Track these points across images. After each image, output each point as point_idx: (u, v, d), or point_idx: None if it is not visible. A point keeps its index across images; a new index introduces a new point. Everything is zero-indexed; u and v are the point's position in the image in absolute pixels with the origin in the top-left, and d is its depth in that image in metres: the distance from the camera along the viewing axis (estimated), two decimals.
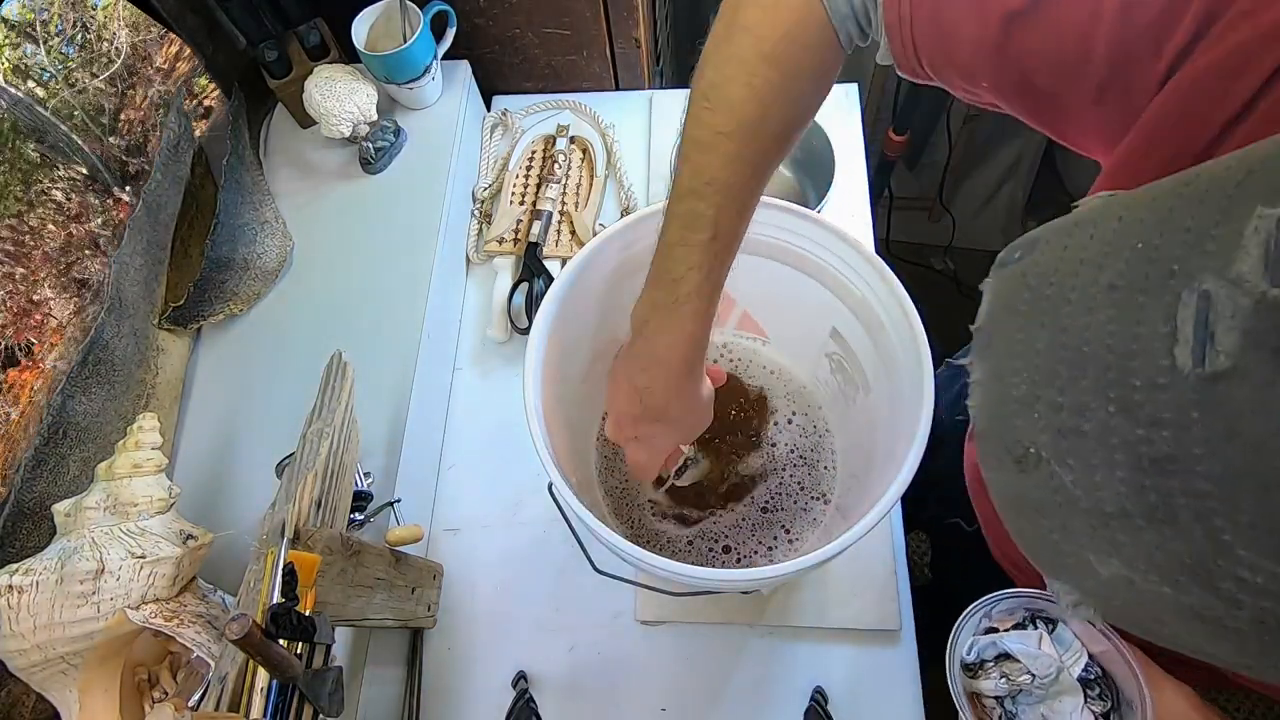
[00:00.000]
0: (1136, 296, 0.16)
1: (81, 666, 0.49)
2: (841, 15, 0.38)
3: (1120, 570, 0.18)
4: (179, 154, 0.77)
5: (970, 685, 0.54)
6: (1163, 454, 0.16)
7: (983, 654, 0.54)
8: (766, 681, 0.64)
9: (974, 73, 0.36)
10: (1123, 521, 0.17)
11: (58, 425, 0.60)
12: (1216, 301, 0.15)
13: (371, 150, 0.83)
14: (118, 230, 0.72)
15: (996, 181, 1.54)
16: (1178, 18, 0.27)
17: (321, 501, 0.51)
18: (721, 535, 0.64)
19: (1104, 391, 0.17)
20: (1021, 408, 0.19)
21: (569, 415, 0.60)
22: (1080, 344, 0.18)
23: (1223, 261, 0.15)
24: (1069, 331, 0.18)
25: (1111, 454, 0.17)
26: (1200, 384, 0.15)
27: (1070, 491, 0.18)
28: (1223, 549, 0.15)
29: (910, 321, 0.50)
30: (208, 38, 0.81)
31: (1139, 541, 0.17)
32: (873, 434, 0.58)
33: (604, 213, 0.88)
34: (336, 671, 0.43)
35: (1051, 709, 0.52)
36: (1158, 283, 0.16)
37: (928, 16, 0.35)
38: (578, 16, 0.86)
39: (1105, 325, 0.17)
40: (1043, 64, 0.32)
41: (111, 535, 0.50)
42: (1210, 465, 0.15)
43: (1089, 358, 0.17)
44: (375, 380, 0.71)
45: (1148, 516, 0.16)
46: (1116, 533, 0.17)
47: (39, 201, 0.66)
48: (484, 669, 0.67)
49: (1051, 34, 0.31)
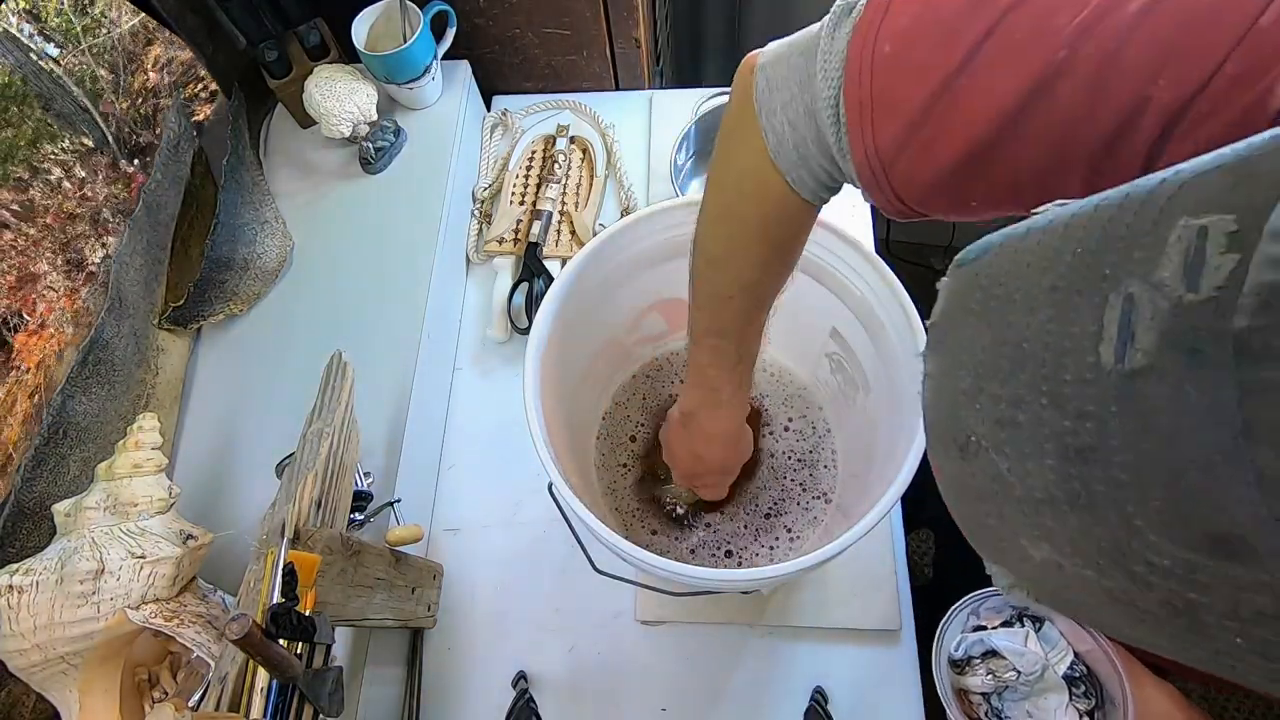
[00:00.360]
0: (1073, 298, 0.18)
1: (81, 666, 0.49)
2: (811, 190, 0.41)
3: (1050, 555, 0.19)
4: (179, 154, 0.77)
5: (957, 682, 0.54)
6: (1085, 444, 0.17)
7: (970, 651, 0.54)
8: (766, 681, 0.64)
9: (962, 199, 0.38)
10: (1051, 508, 0.18)
11: (58, 425, 0.60)
12: (1139, 304, 0.16)
13: (371, 150, 0.83)
14: (122, 205, 0.71)
15: None
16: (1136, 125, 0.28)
17: (321, 501, 0.51)
18: (724, 541, 0.64)
19: (1038, 385, 0.18)
20: (966, 399, 0.21)
21: (569, 415, 0.60)
22: (1021, 340, 0.19)
23: (1148, 267, 0.16)
24: (1012, 329, 0.19)
25: (1042, 444, 0.18)
26: (1120, 380, 0.16)
27: (1006, 479, 0.19)
28: (1135, 533, 0.16)
29: (910, 321, 0.50)
30: (208, 38, 0.81)
31: (1064, 526, 0.18)
32: (873, 434, 0.58)
33: (604, 213, 0.88)
34: (336, 671, 0.43)
35: (1037, 706, 0.52)
36: (1091, 285, 0.17)
37: (903, 174, 0.36)
38: (578, 16, 0.86)
39: (1044, 324, 0.18)
40: (1028, 174, 0.34)
41: (111, 535, 0.50)
42: (1125, 455, 0.16)
43: (1028, 354, 0.19)
44: (375, 380, 0.71)
45: (1071, 503, 0.17)
46: (1046, 518, 0.18)
47: (44, 169, 0.65)
48: (484, 669, 0.67)
49: (1025, 155, 0.33)
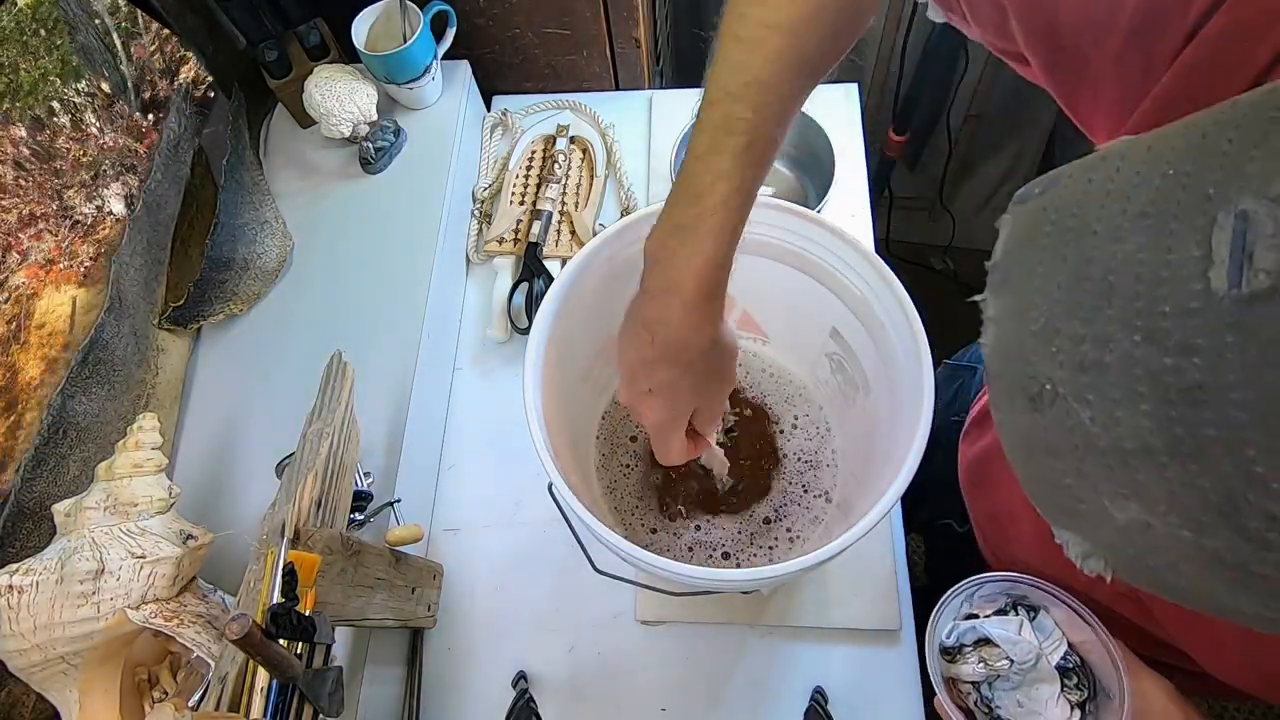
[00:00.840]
0: (1168, 223, 0.16)
1: (81, 666, 0.49)
2: None
3: (1138, 514, 0.17)
4: (179, 154, 0.77)
5: (948, 670, 0.53)
6: (1192, 383, 0.15)
7: (962, 638, 0.54)
8: (766, 681, 0.64)
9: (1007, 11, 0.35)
10: (1144, 459, 0.16)
11: (58, 425, 0.60)
12: (1255, 221, 0.14)
13: (371, 150, 0.83)
14: (126, 161, 0.70)
15: (996, 181, 1.54)
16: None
17: (321, 501, 0.51)
18: (719, 544, 0.64)
19: (1130, 321, 0.16)
20: (1039, 343, 0.18)
21: (569, 415, 0.60)
22: (1105, 274, 0.17)
23: (1263, 181, 0.14)
24: (1094, 262, 0.17)
25: (1135, 385, 0.16)
26: (1236, 306, 0.14)
27: (1087, 429, 0.17)
28: (1254, 483, 0.14)
29: (910, 321, 0.50)
30: (208, 38, 0.81)
31: (1161, 480, 0.16)
32: (873, 434, 0.58)
33: (604, 213, 0.88)
34: (336, 671, 0.43)
35: (1028, 696, 0.52)
36: (1191, 207, 0.15)
37: None
38: (578, 16, 0.86)
39: (1134, 254, 0.16)
40: (1074, 11, 0.31)
41: (111, 535, 0.50)
42: (1245, 392, 0.14)
43: (1114, 287, 0.17)
44: (375, 380, 0.71)
45: (1172, 452, 0.15)
46: (1136, 472, 0.16)
47: (61, 107, 0.63)
48: (484, 669, 0.67)
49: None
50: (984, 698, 0.53)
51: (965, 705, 0.53)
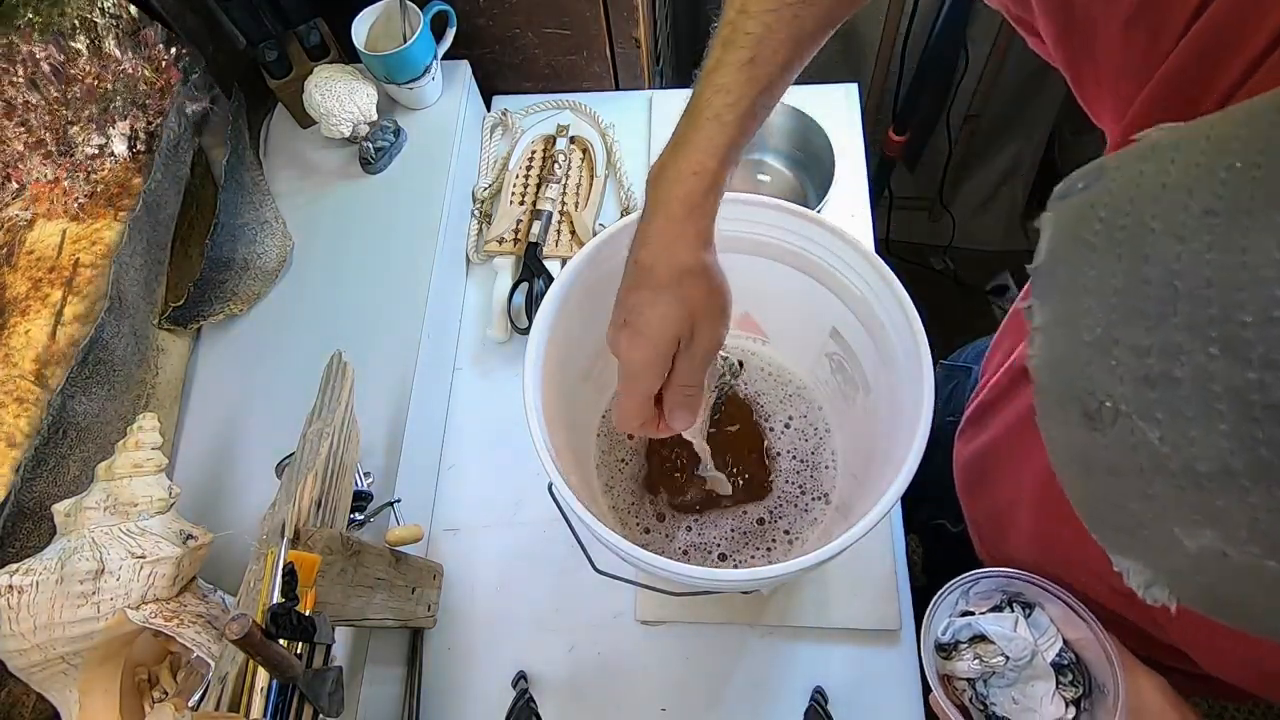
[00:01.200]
0: (1240, 220, 0.14)
1: (81, 666, 0.49)
2: None
3: (1213, 542, 0.15)
4: (179, 154, 0.77)
5: (943, 666, 0.53)
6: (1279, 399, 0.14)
7: (957, 635, 0.54)
8: (766, 681, 0.64)
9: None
10: (1223, 482, 0.15)
11: (58, 425, 0.60)
12: None
13: (371, 150, 0.83)
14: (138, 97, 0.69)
15: (996, 181, 1.54)
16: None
17: (321, 501, 0.51)
18: (715, 545, 0.64)
19: (1202, 330, 0.15)
20: (1095, 354, 0.17)
21: (569, 415, 0.60)
22: (1169, 277, 0.15)
23: None
24: (1154, 263, 0.16)
25: (1212, 403, 0.15)
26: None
27: (1155, 450, 0.16)
28: None
29: (910, 321, 0.50)
30: (208, 38, 0.81)
31: (1244, 505, 0.15)
32: (873, 434, 0.58)
33: (604, 213, 0.88)
34: (336, 671, 0.43)
35: (1023, 693, 0.52)
36: (1266, 203, 0.14)
37: None
38: (578, 16, 0.86)
39: (1201, 255, 0.15)
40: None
41: (111, 535, 0.50)
42: None
43: (1180, 293, 0.15)
44: (375, 380, 0.71)
45: (1256, 475, 0.14)
46: (1214, 497, 0.15)
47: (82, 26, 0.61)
48: (484, 669, 0.67)
49: None
50: (979, 694, 0.53)
51: (960, 702, 0.53)
